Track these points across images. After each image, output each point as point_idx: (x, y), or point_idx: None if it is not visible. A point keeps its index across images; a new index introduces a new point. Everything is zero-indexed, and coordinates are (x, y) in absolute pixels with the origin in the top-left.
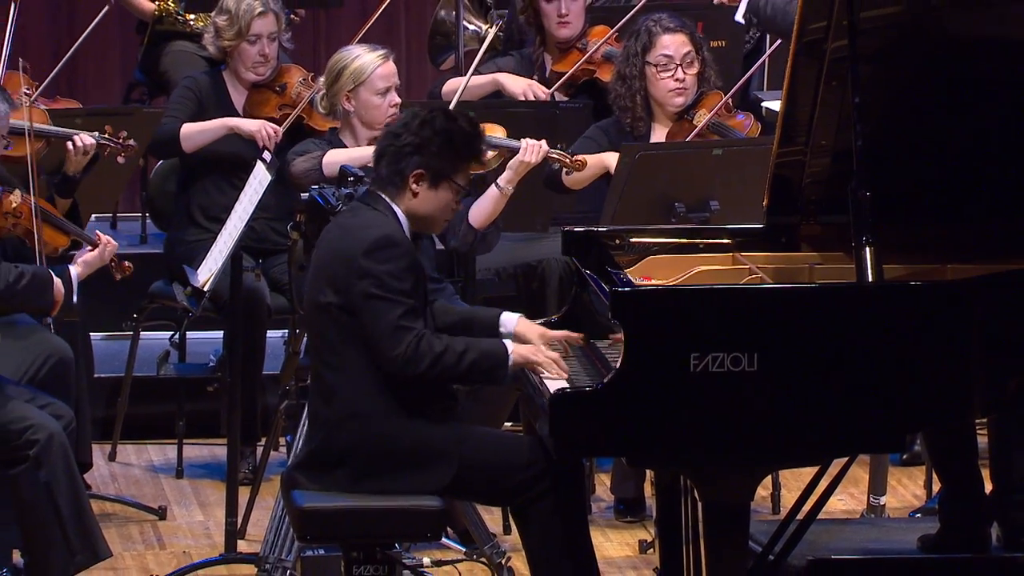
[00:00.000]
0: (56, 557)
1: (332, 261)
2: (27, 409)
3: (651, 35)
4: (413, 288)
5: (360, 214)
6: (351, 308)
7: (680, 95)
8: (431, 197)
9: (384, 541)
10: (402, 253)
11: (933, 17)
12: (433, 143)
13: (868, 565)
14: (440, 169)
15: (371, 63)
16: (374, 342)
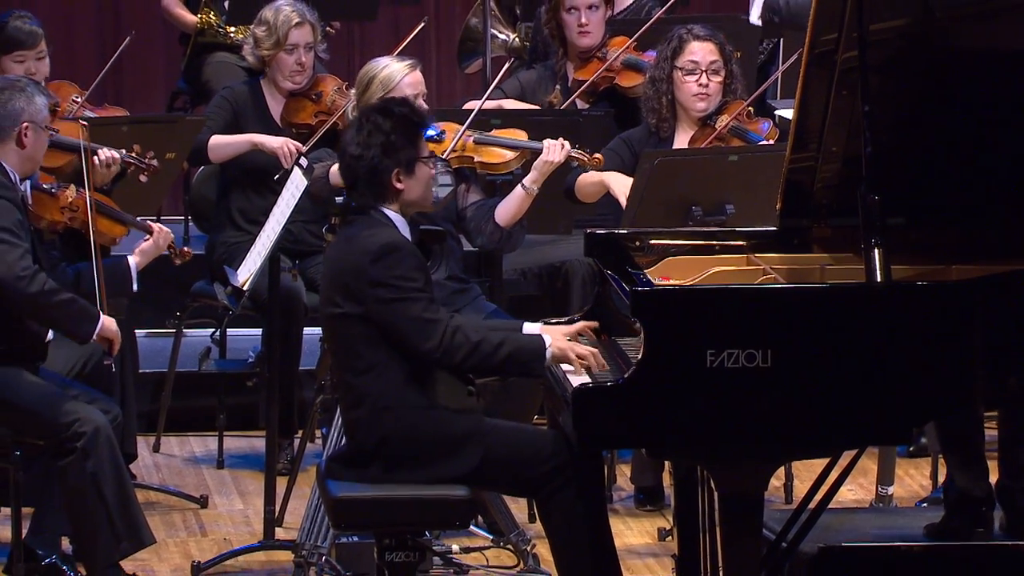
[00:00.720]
0: (102, 543)
1: (341, 273)
2: (75, 403)
3: (681, 41)
4: (426, 283)
5: (359, 228)
6: (368, 316)
7: (702, 100)
8: (413, 183)
9: (415, 529)
10: (406, 255)
11: (939, 30)
12: (392, 141)
13: (876, 552)
14: (409, 156)
15: (399, 72)
16: (406, 340)
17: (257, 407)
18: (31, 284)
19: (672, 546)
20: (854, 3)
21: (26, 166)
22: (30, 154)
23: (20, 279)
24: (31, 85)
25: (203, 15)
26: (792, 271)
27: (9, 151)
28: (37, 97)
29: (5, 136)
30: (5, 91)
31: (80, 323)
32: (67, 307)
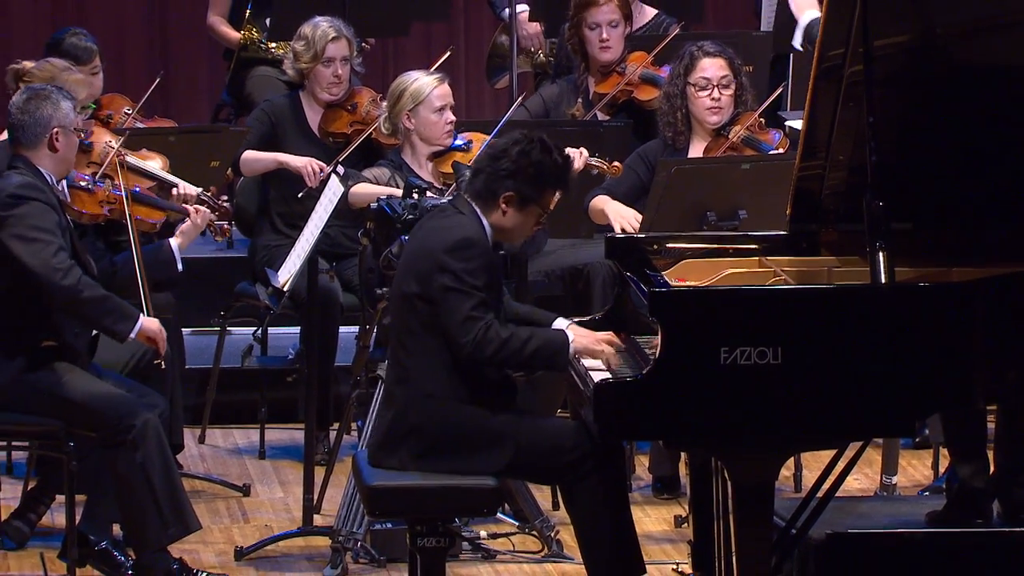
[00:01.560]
0: (151, 529)
1: (418, 255)
2: (125, 397)
3: (693, 59)
4: (486, 285)
5: (448, 216)
6: (429, 298)
7: (715, 114)
8: (516, 217)
9: (445, 516)
10: (479, 253)
11: (940, 45)
12: (527, 172)
13: (881, 538)
14: (529, 195)
15: (428, 85)
16: (448, 330)
17: (296, 401)
18: (66, 277)
19: (688, 532)
20: (860, 20)
21: (60, 167)
22: (63, 156)
23: (55, 271)
24: (56, 91)
25: (246, 32)
26: (801, 273)
27: (43, 156)
28: (63, 102)
29: (38, 142)
30: (32, 100)
31: (116, 320)
32: (102, 303)
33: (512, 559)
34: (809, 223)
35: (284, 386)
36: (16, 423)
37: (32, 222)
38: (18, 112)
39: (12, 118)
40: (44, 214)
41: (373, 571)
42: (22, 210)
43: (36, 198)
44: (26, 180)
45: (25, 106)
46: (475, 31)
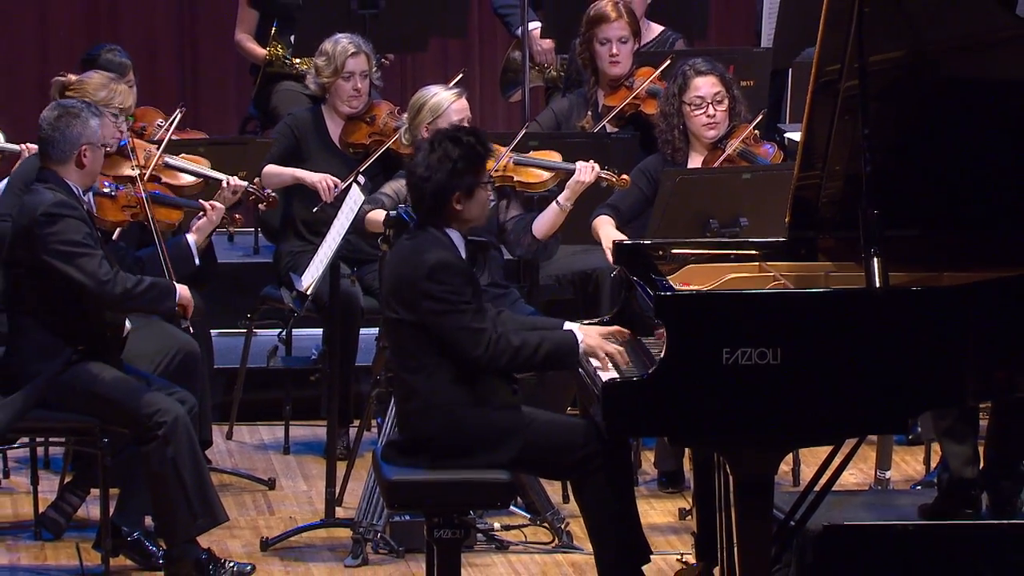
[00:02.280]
0: (181, 520)
1: (398, 284)
2: (156, 395)
3: (686, 78)
4: (473, 295)
5: (417, 239)
6: (422, 323)
7: (712, 128)
8: (471, 205)
9: (461, 509)
10: (456, 272)
11: (931, 61)
12: (456, 167)
13: (876, 530)
14: (470, 182)
15: (446, 100)
16: (456, 347)
17: (319, 399)
18: (115, 286)
19: (691, 524)
20: (855, 37)
21: (86, 180)
22: (89, 171)
23: (105, 284)
24: (85, 109)
25: (272, 48)
26: (800, 278)
27: (71, 170)
28: (91, 120)
29: (67, 158)
30: (63, 117)
31: (163, 301)
32: (149, 293)
33: (524, 550)
34: (807, 230)
35: (307, 385)
36: (53, 420)
37: (70, 238)
38: (49, 128)
39: (42, 132)
40: (78, 229)
41: (392, 561)
42: (58, 227)
43: (69, 215)
44: (59, 198)
45: (56, 123)
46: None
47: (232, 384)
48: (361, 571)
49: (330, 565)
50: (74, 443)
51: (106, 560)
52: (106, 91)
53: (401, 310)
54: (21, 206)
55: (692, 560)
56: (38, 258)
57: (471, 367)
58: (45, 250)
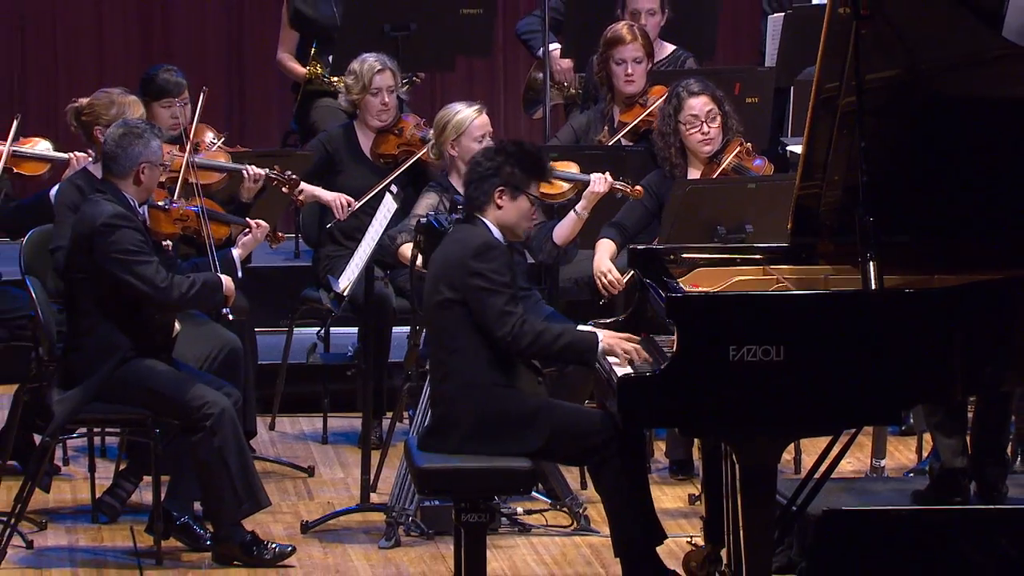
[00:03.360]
0: (227, 506)
1: (446, 266)
2: (204, 389)
3: (680, 99)
4: (512, 280)
5: (465, 230)
6: (463, 300)
7: (707, 144)
8: (512, 207)
9: (486, 494)
10: (500, 254)
11: (923, 79)
12: (508, 164)
13: (872, 514)
14: (516, 183)
15: (469, 117)
16: (486, 325)
17: (355, 393)
18: (172, 291)
19: (700, 509)
20: (853, 57)
21: (142, 195)
22: (146, 186)
23: (161, 290)
24: (148, 130)
25: (311, 68)
26: (801, 280)
27: (129, 185)
28: (152, 140)
29: (126, 174)
30: (125, 136)
31: (213, 297)
32: (201, 292)
33: (545, 532)
34: (808, 236)
35: (344, 379)
36: (109, 413)
37: (127, 247)
38: (113, 144)
39: (106, 147)
40: (134, 238)
41: (423, 543)
42: (116, 237)
43: (126, 225)
44: (116, 210)
45: (120, 140)
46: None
47: (274, 379)
48: (394, 552)
49: (365, 547)
50: (128, 433)
51: (158, 542)
52: (116, 108)
53: (447, 290)
54: (80, 215)
55: (701, 542)
56: (96, 265)
57: (495, 345)
58: (104, 259)
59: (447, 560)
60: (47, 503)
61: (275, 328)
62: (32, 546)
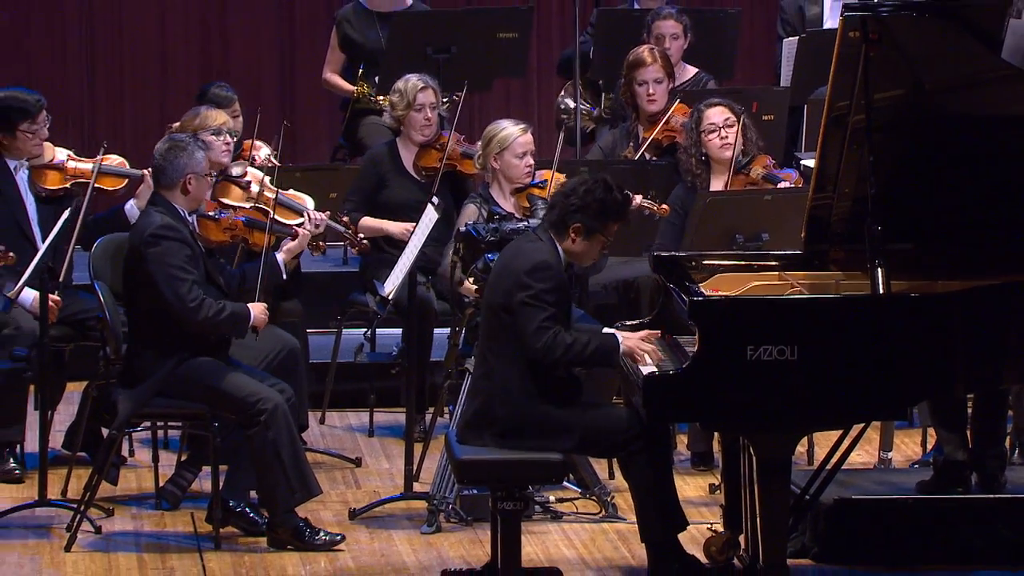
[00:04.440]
0: (280, 494)
1: (505, 273)
2: (258, 386)
3: (700, 112)
4: (557, 301)
5: (531, 242)
6: (511, 309)
7: (727, 149)
8: (584, 245)
9: (521, 484)
10: (553, 275)
11: (927, 98)
12: (592, 207)
13: (879, 503)
14: (593, 227)
15: (513, 134)
16: (524, 336)
17: (399, 389)
18: (198, 313)
19: (720, 498)
20: (862, 78)
21: (191, 204)
22: (194, 196)
23: (190, 310)
24: (192, 142)
25: (359, 88)
26: (813, 285)
27: (177, 196)
28: (196, 152)
29: (173, 185)
30: (172, 150)
31: (237, 327)
32: (227, 321)
33: (575, 520)
34: (820, 244)
35: (389, 377)
36: (171, 408)
37: (169, 260)
38: (160, 158)
39: (155, 161)
40: (179, 251)
41: (462, 529)
42: (160, 248)
43: (173, 237)
44: (165, 221)
45: (166, 154)
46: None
47: (324, 376)
48: (435, 537)
49: (408, 532)
50: (189, 427)
51: (216, 529)
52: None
53: (502, 295)
54: (134, 227)
55: (720, 528)
56: (145, 271)
57: (531, 356)
58: (148, 265)
59: (484, 545)
60: (114, 491)
61: (325, 329)
62: (100, 531)
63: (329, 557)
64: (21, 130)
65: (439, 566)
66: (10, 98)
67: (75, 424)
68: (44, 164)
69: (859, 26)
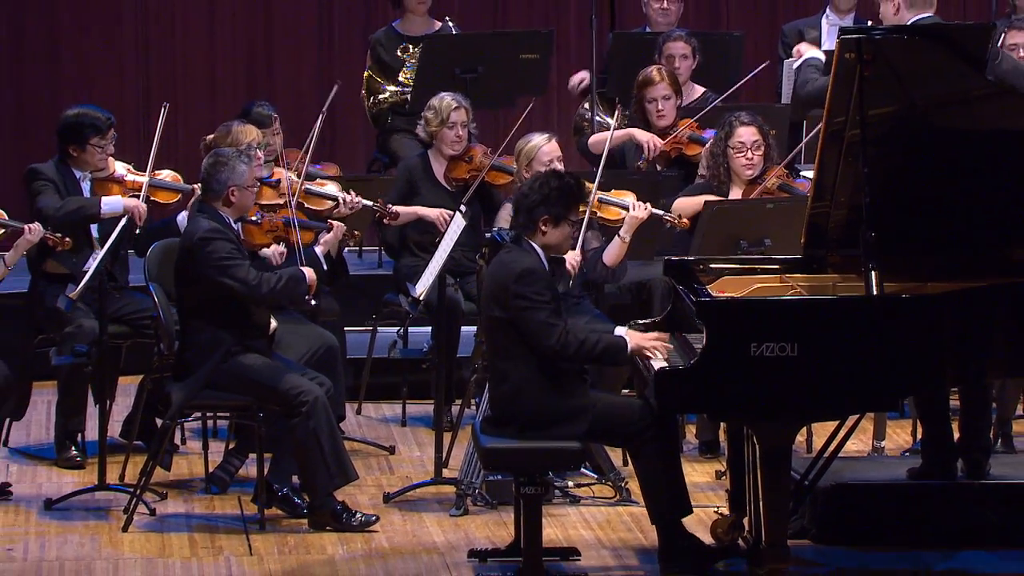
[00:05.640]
0: (320, 479)
1: (495, 287)
2: (300, 379)
3: (732, 127)
4: (552, 298)
5: (511, 252)
6: (511, 320)
7: (749, 169)
8: (555, 233)
9: (542, 470)
10: (539, 278)
11: (918, 114)
12: (551, 196)
13: (873, 488)
14: (558, 213)
15: (539, 144)
16: (534, 338)
17: (429, 383)
18: (262, 287)
19: (726, 483)
20: (857, 95)
21: (236, 213)
22: (238, 206)
23: (253, 287)
24: (235, 157)
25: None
26: (812, 287)
27: (222, 206)
28: (239, 166)
29: (219, 196)
30: (215, 165)
31: (298, 288)
32: (287, 287)
33: (592, 503)
34: (818, 249)
35: (420, 371)
36: (219, 399)
37: (222, 254)
38: (205, 172)
39: (202, 175)
40: (227, 247)
41: (487, 512)
42: (212, 247)
43: (220, 237)
44: (212, 225)
45: (211, 168)
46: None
47: (361, 370)
48: (463, 519)
49: (438, 515)
50: (236, 417)
51: (261, 510)
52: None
53: (497, 309)
54: (184, 232)
55: (726, 511)
56: (199, 273)
57: (545, 355)
58: (204, 267)
59: (508, 526)
60: (167, 477)
61: (361, 327)
62: (155, 513)
63: (365, 537)
64: (91, 144)
65: (466, 545)
66: (84, 115)
67: (131, 415)
68: (106, 176)
69: (854, 48)
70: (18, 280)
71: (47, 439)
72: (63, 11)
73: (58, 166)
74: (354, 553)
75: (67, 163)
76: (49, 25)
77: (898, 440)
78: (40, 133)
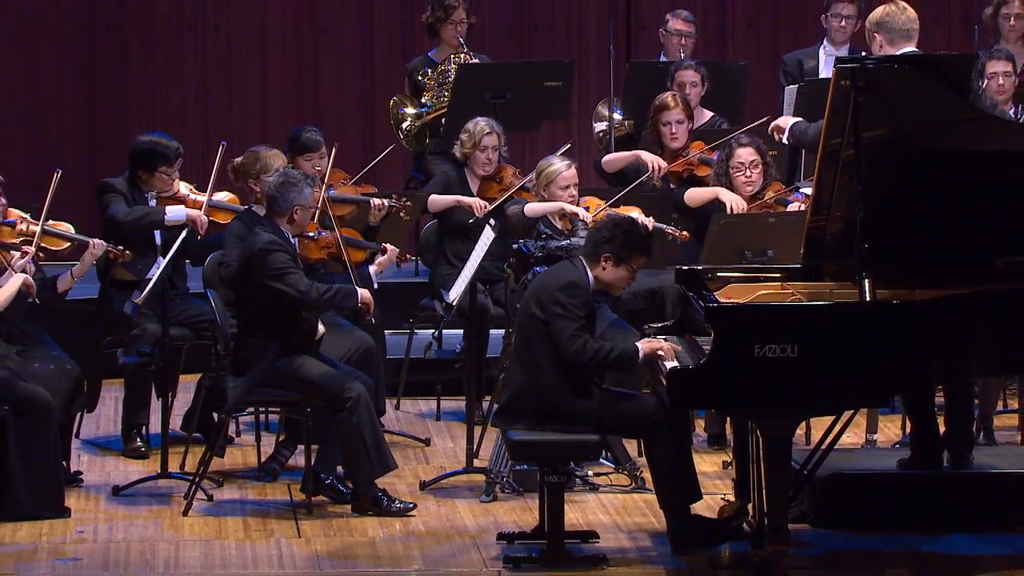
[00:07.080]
0: (363, 469)
1: (541, 289)
2: (345, 378)
3: (731, 148)
4: (586, 315)
5: (564, 265)
6: (545, 320)
7: (749, 186)
8: (613, 272)
9: (564, 460)
10: (581, 293)
11: (906, 136)
12: (619, 239)
13: (866, 477)
14: (621, 256)
15: (559, 169)
16: (558, 343)
17: (462, 381)
18: (312, 293)
19: (732, 472)
20: (852, 119)
21: (295, 230)
22: (299, 224)
23: (305, 294)
24: (302, 179)
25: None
26: (811, 294)
27: (285, 223)
28: (305, 188)
29: (282, 214)
30: (284, 185)
31: (348, 300)
32: (337, 295)
33: (610, 491)
34: (817, 259)
35: (453, 370)
36: (271, 395)
37: (279, 264)
38: (274, 190)
39: (269, 191)
40: (284, 258)
41: (515, 498)
42: (270, 258)
43: (278, 249)
44: (271, 238)
45: (279, 187)
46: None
47: (399, 369)
48: (492, 505)
49: (469, 501)
50: (286, 412)
51: (309, 498)
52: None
53: (536, 308)
54: (245, 244)
55: (732, 498)
56: (257, 281)
57: (564, 360)
58: (263, 275)
59: (533, 512)
60: (223, 466)
61: (400, 330)
62: (212, 499)
63: (403, 521)
64: (160, 171)
65: (495, 529)
66: (155, 143)
67: (191, 409)
68: (169, 196)
69: (849, 76)
70: (89, 287)
71: (115, 432)
72: (131, 38)
73: (128, 182)
74: (393, 536)
75: (135, 184)
76: (120, 50)
77: (889, 433)
78: (109, 151)
